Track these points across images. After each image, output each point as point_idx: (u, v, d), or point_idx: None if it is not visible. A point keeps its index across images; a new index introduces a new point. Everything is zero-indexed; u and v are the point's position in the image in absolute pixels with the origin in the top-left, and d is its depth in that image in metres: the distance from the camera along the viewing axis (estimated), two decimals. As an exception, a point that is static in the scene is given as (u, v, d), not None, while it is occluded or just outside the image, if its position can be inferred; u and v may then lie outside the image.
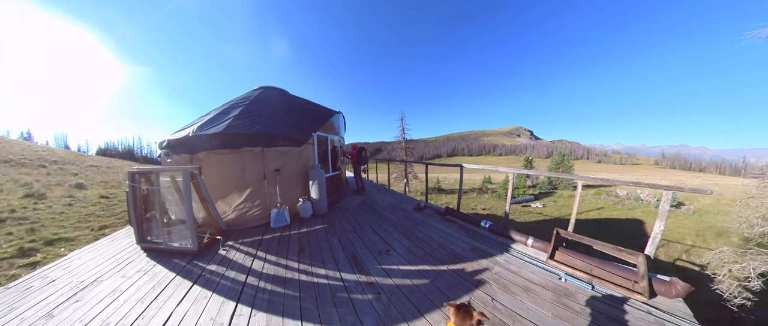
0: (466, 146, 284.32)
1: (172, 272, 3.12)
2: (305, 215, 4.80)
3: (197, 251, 3.60)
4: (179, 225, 3.98)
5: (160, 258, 3.51)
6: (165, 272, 3.14)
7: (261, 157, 4.59)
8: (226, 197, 4.46)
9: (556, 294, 2.41)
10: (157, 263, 3.38)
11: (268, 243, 3.83)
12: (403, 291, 2.46)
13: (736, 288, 3.90)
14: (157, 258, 3.50)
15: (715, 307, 4.44)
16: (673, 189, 2.89)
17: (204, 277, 2.97)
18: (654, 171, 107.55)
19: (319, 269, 3.04)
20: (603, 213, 15.67)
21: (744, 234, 3.95)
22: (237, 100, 5.95)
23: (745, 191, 4.35)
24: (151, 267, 3.28)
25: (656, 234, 2.95)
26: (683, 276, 7.36)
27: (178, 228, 3.98)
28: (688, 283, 2.55)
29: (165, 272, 3.14)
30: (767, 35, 3.29)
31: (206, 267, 3.20)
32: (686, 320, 2.21)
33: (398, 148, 25.37)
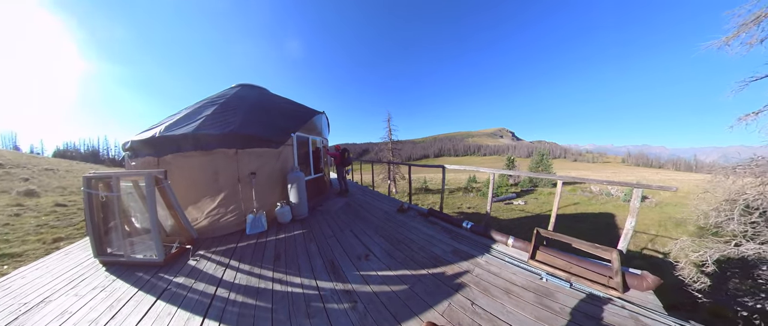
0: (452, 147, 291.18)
1: (134, 287, 2.86)
2: (284, 220, 4.58)
3: (163, 262, 3.33)
4: (144, 235, 3.68)
5: (121, 272, 3.21)
6: (125, 288, 2.86)
7: (235, 159, 4.33)
8: (197, 203, 4.17)
9: (537, 295, 2.38)
10: (117, 278, 3.08)
11: (242, 251, 3.61)
12: (381, 299, 2.35)
13: (695, 273, 4.22)
14: (118, 273, 3.20)
15: (677, 292, 4.78)
16: (643, 187, 2.96)
17: (169, 291, 2.73)
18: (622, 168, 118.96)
19: (295, 277, 2.87)
20: (579, 207, 16.70)
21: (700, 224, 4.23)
22: (211, 99, 5.62)
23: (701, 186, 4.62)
24: (109, 283, 2.98)
25: (628, 230, 3.01)
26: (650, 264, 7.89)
27: (143, 238, 3.67)
28: (657, 276, 2.62)
29: (125, 288, 2.86)
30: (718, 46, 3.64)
31: (173, 280, 2.95)
32: (656, 311, 2.27)
33: (385, 149, 25.29)
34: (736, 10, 3.48)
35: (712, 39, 3.65)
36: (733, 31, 3.51)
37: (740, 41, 3.48)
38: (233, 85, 6.65)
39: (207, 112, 4.77)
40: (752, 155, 3.77)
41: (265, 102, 5.98)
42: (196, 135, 4.13)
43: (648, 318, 2.15)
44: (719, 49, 3.65)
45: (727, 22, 3.53)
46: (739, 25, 3.48)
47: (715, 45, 3.68)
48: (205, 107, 5.07)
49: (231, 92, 5.96)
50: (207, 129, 4.29)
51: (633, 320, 2.12)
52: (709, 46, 3.73)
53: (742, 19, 3.45)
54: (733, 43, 3.53)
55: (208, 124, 4.43)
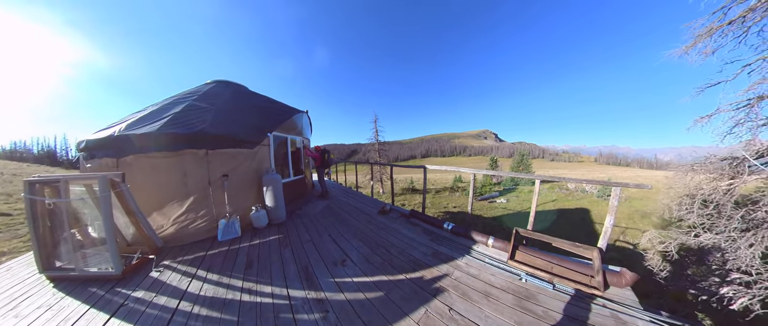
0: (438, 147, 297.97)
1: (85, 304, 2.57)
2: (259, 225, 4.34)
3: (122, 275, 3.02)
4: (100, 246, 3.34)
5: (72, 288, 2.89)
6: (76, 305, 2.57)
7: (206, 160, 4.05)
8: (162, 208, 3.86)
9: (517, 298, 2.34)
10: (66, 295, 2.77)
11: (211, 260, 3.36)
12: (355, 307, 2.24)
13: (661, 263, 4.57)
14: (68, 289, 2.87)
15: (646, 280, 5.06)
16: (621, 185, 3.03)
17: (126, 307, 2.48)
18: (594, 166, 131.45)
19: (266, 286, 2.69)
20: (557, 204, 17.61)
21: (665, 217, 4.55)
22: (182, 95, 5.23)
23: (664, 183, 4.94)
24: (56, 301, 2.67)
25: (607, 229, 3.06)
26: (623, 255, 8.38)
27: (99, 249, 3.34)
28: (634, 273, 2.68)
29: (76, 305, 2.57)
30: (678, 55, 3.93)
31: (131, 295, 2.68)
32: (634, 308, 2.31)
33: (372, 150, 25.14)
34: (692, 22, 3.77)
35: (674, 48, 3.92)
36: (691, 41, 3.76)
37: (697, 51, 3.73)
38: (208, 81, 6.27)
39: (175, 110, 4.43)
40: (706, 154, 4.03)
41: (242, 99, 5.69)
42: (162, 134, 3.81)
43: (627, 316, 2.18)
44: (680, 58, 3.91)
45: (686, 33, 3.83)
46: (695, 36, 3.72)
47: (676, 54, 3.93)
48: (173, 104, 4.71)
49: (204, 89, 5.59)
50: (174, 128, 3.98)
51: (614, 319, 2.14)
52: (671, 54, 3.99)
53: (697, 31, 3.71)
54: (691, 52, 3.78)
55: (175, 122, 4.11)
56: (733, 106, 3.55)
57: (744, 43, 3.46)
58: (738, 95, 3.51)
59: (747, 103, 3.45)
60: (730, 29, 3.50)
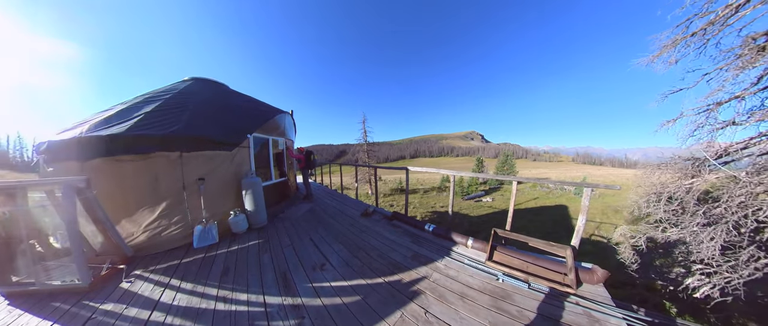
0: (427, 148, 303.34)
1: (47, 320, 2.40)
2: (238, 230, 4.21)
3: (89, 287, 2.83)
4: (65, 257, 3.14)
5: (33, 303, 2.68)
6: (36, 322, 2.39)
7: (179, 163, 3.86)
8: (132, 215, 3.66)
9: (492, 298, 2.38)
10: (25, 311, 2.57)
11: (186, 268, 3.23)
12: (331, 313, 2.21)
13: (633, 256, 4.92)
14: (27, 305, 2.67)
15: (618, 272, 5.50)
16: (592, 185, 3.15)
17: (94, 320, 2.34)
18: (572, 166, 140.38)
19: (242, 294, 2.61)
20: (538, 202, 18.58)
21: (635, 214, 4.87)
22: (155, 94, 4.94)
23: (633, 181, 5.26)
24: (13, 319, 2.47)
25: (580, 227, 3.16)
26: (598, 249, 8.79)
27: (64, 260, 3.13)
28: (606, 270, 2.78)
29: (36, 322, 2.39)
30: (646, 64, 4.23)
31: (99, 307, 2.53)
32: (606, 304, 2.38)
33: (360, 151, 25.00)
34: (658, 34, 4.07)
35: (642, 57, 4.22)
36: (658, 51, 4.03)
37: (662, 60, 4.02)
38: (185, 79, 5.97)
39: (147, 109, 4.20)
40: (671, 155, 4.31)
41: (221, 99, 5.47)
42: (131, 136, 3.60)
43: (599, 313, 2.24)
44: (647, 66, 4.20)
45: (653, 43, 4.13)
46: (661, 46, 4.00)
47: (644, 62, 4.21)
48: (145, 103, 4.46)
49: (180, 87, 5.31)
50: (145, 128, 3.77)
51: (586, 316, 2.20)
52: (640, 62, 4.26)
53: (663, 42, 3.99)
54: (658, 61, 4.07)
55: (147, 122, 3.89)
56: (694, 111, 3.82)
57: (704, 54, 3.74)
58: (699, 101, 3.79)
59: (707, 109, 3.70)
60: (692, 41, 3.77)
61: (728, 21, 3.47)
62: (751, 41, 3.30)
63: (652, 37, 4.09)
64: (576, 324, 2.12)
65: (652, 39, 4.09)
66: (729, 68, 3.47)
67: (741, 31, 3.43)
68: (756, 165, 3.26)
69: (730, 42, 3.51)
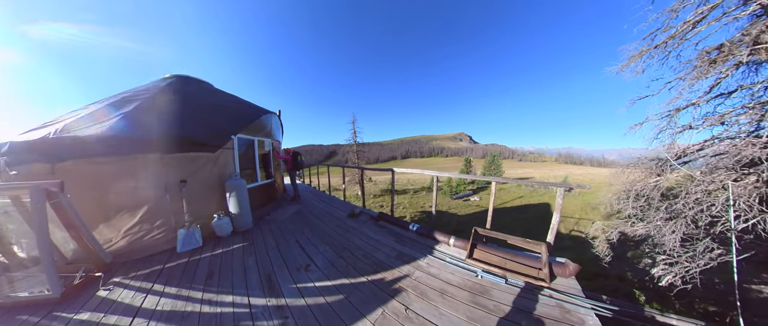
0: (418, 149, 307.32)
1: None
2: (223, 233, 4.16)
3: (61, 297, 2.72)
4: (33, 267, 3.00)
5: None
6: None
7: (161, 165, 3.77)
8: (111, 219, 3.55)
9: (471, 294, 2.49)
10: None
11: (169, 273, 3.17)
12: (314, 312, 2.26)
13: (606, 249, 5.29)
14: None
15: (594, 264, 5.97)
16: (564, 186, 3.37)
17: None
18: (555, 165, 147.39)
19: (226, 296, 2.62)
20: (523, 200, 19.45)
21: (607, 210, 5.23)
22: (134, 92, 4.72)
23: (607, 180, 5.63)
24: None
25: (554, 225, 3.36)
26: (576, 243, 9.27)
27: (31, 271, 2.99)
28: (577, 264, 2.96)
29: None
30: (616, 72, 4.61)
31: (73, 318, 2.44)
32: (577, 296, 2.54)
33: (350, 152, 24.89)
34: (627, 45, 4.43)
35: (613, 66, 4.60)
36: (626, 60, 4.39)
37: (630, 69, 4.39)
38: (166, 76, 5.68)
39: (126, 109, 4.01)
40: (639, 155, 4.67)
41: (204, 98, 5.32)
42: (108, 137, 3.47)
43: (570, 304, 2.39)
44: (617, 74, 4.59)
45: (622, 54, 4.50)
46: (629, 56, 4.37)
47: (615, 70, 4.59)
48: (123, 102, 4.25)
49: (161, 85, 5.06)
50: (124, 129, 3.64)
51: (558, 308, 2.33)
52: (611, 70, 4.65)
53: (631, 53, 4.36)
54: (626, 70, 4.43)
55: (125, 122, 3.73)
56: (658, 116, 4.16)
57: (666, 64, 4.12)
58: (661, 107, 4.14)
59: (668, 114, 4.05)
60: (655, 53, 4.13)
61: (686, 36, 3.84)
62: (705, 54, 3.67)
63: (622, 48, 4.45)
64: (548, 315, 2.25)
65: (622, 49, 4.45)
66: (686, 78, 3.83)
67: (697, 45, 3.81)
68: (709, 165, 3.59)
69: (689, 54, 3.90)
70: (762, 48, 3.20)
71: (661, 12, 4.00)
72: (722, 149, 3.57)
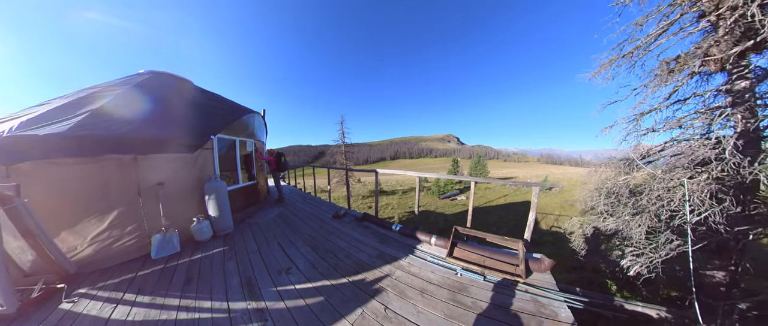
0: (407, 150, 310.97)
1: None
2: (202, 238, 4.03)
3: (17, 312, 2.52)
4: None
5: None
6: None
7: (134, 167, 3.59)
8: (75, 226, 3.32)
9: (450, 292, 2.56)
10: None
11: (143, 281, 3.03)
12: (294, 314, 2.26)
13: (582, 243, 5.64)
14: None
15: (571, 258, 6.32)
16: (540, 185, 3.53)
17: None
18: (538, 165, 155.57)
19: (205, 302, 2.55)
20: (508, 198, 20.11)
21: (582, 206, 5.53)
22: (104, 88, 4.36)
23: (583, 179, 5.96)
24: None
25: (531, 222, 3.51)
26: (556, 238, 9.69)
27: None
28: (551, 259, 3.10)
29: None
30: (589, 78, 4.94)
31: None
32: (551, 290, 2.66)
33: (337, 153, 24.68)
34: (600, 54, 4.77)
35: (585, 72, 4.93)
36: (598, 68, 4.71)
37: (601, 76, 4.70)
38: (141, 72, 5.39)
39: (94, 106, 3.71)
40: (610, 156, 5.00)
41: (183, 96, 5.00)
42: (75, 136, 3.17)
43: (545, 298, 2.50)
44: (590, 80, 4.91)
45: (594, 62, 4.82)
46: (600, 64, 4.68)
47: (587, 77, 4.91)
48: (91, 98, 3.91)
49: (135, 80, 4.71)
50: (92, 128, 3.37)
51: (533, 302, 2.43)
52: (584, 76, 4.97)
53: (602, 61, 4.68)
54: (598, 77, 4.74)
55: (94, 121, 3.44)
56: (625, 120, 4.46)
57: (632, 72, 4.45)
58: (628, 112, 4.45)
59: (634, 118, 4.35)
60: (623, 61, 4.45)
61: (650, 47, 4.18)
62: (665, 64, 4.01)
63: (595, 56, 4.78)
64: (523, 310, 2.35)
65: (595, 57, 4.78)
66: (649, 85, 4.16)
67: (659, 56, 4.15)
68: (669, 165, 3.89)
69: (652, 64, 4.25)
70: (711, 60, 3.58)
71: (628, 24, 4.34)
72: (680, 150, 3.88)
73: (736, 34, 3.32)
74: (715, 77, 3.82)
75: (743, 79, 3.47)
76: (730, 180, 3.30)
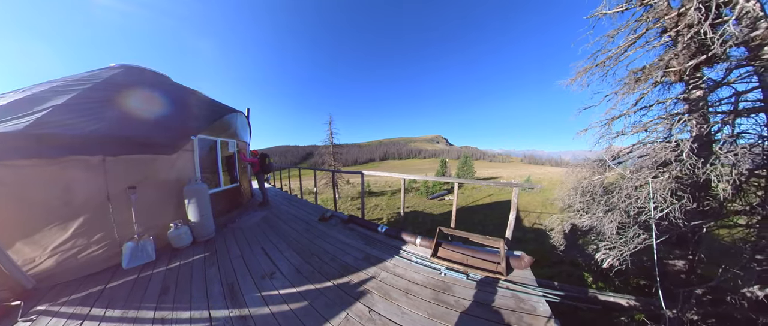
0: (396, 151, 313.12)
1: None
2: (181, 244, 3.84)
3: None
4: None
5: None
6: None
7: (102, 169, 3.34)
8: (33, 235, 3.04)
9: (434, 291, 2.60)
10: None
11: (113, 293, 2.83)
12: (278, 319, 2.22)
13: (561, 239, 5.97)
14: None
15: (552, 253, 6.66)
16: (519, 185, 3.68)
17: None
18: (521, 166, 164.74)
19: (184, 312, 2.44)
20: (493, 197, 20.95)
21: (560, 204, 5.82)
22: (68, 81, 4.05)
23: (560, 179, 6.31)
24: None
25: (511, 221, 3.64)
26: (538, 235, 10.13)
27: None
28: (531, 256, 3.23)
29: None
30: (566, 85, 5.28)
31: None
32: (530, 286, 2.77)
33: (326, 154, 24.37)
34: (576, 63, 5.10)
35: (563, 80, 5.31)
36: (574, 75, 5.05)
37: (577, 83, 5.06)
38: (112, 65, 5.02)
39: (57, 101, 3.42)
40: (585, 157, 5.30)
41: (161, 93, 4.77)
42: (32, 135, 2.86)
43: (524, 293, 2.59)
44: (567, 87, 5.27)
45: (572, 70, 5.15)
46: (576, 72, 5.03)
47: (565, 84, 5.25)
48: (53, 93, 3.62)
49: (104, 75, 4.43)
50: (54, 126, 3.07)
51: (514, 298, 2.51)
52: (562, 83, 5.33)
53: (578, 69, 5.02)
54: (574, 84, 5.09)
55: (57, 118, 3.18)
56: (598, 124, 4.78)
57: (605, 81, 4.82)
58: (601, 116, 4.79)
59: (606, 122, 4.67)
60: (596, 70, 4.80)
61: (620, 58, 4.57)
62: (633, 74, 4.38)
63: (573, 65, 5.11)
64: (504, 306, 2.43)
65: (572, 65, 5.12)
66: (619, 93, 4.52)
67: (628, 66, 4.55)
68: (636, 165, 4.21)
69: (621, 73, 4.63)
70: (671, 71, 3.94)
71: (601, 36, 4.72)
72: (645, 152, 4.20)
73: (692, 48, 3.68)
74: (675, 87, 4.21)
75: (698, 89, 3.85)
76: (687, 180, 3.61)
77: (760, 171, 3.46)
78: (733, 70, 3.61)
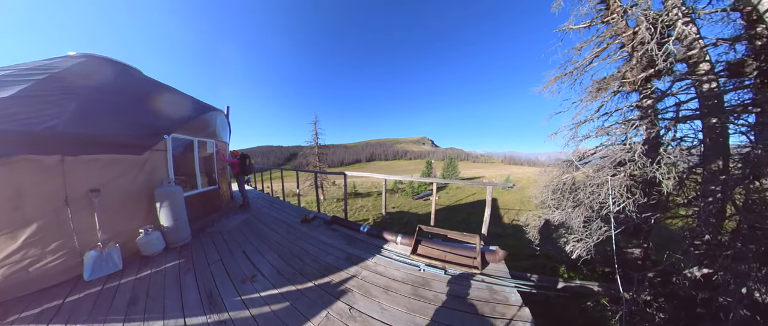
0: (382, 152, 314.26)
1: None
2: (151, 251, 3.64)
3: None
4: None
5: None
6: None
7: (60, 170, 3.07)
8: (-23, 245, 2.76)
9: (413, 287, 2.69)
10: None
11: (73, 307, 2.60)
12: (258, 322, 2.21)
13: (536, 234, 6.32)
14: None
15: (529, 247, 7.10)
16: (494, 184, 3.92)
17: None
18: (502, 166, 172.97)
19: (156, 322, 2.33)
20: (476, 196, 21.48)
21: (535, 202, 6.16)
22: (18, 71, 3.62)
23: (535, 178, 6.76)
24: None
25: (486, 218, 3.85)
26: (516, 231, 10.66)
27: None
28: (505, 250, 3.42)
29: None
30: (539, 92, 5.72)
31: None
32: (504, 278, 2.93)
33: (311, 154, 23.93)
34: (548, 71, 5.54)
35: (536, 87, 5.74)
36: (546, 83, 5.50)
37: (549, 90, 5.51)
38: (71, 54, 4.55)
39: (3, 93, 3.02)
40: (556, 158, 5.80)
41: (129, 87, 4.43)
42: None
43: (498, 285, 2.74)
44: (539, 94, 5.71)
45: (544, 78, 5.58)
46: (547, 80, 5.48)
47: (538, 91, 5.69)
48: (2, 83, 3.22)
49: (63, 65, 4.00)
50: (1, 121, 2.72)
51: (488, 290, 2.65)
52: (535, 90, 5.78)
53: (549, 78, 5.46)
54: (546, 91, 5.54)
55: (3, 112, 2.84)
56: (567, 128, 5.20)
57: (573, 88, 5.30)
58: (569, 121, 5.23)
59: (573, 127, 5.11)
60: (566, 79, 5.26)
61: (586, 68, 5.08)
62: (596, 84, 4.90)
63: (545, 73, 5.54)
64: (479, 298, 2.57)
65: (545, 74, 5.54)
66: (585, 100, 5.01)
67: (593, 76, 5.09)
68: (598, 165, 4.63)
69: (587, 82, 5.15)
70: (627, 82, 4.45)
71: (569, 48, 5.20)
72: (606, 153, 4.63)
73: (643, 62, 4.18)
74: (632, 96, 4.74)
75: (648, 98, 4.37)
76: (639, 178, 4.04)
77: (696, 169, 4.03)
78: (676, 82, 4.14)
